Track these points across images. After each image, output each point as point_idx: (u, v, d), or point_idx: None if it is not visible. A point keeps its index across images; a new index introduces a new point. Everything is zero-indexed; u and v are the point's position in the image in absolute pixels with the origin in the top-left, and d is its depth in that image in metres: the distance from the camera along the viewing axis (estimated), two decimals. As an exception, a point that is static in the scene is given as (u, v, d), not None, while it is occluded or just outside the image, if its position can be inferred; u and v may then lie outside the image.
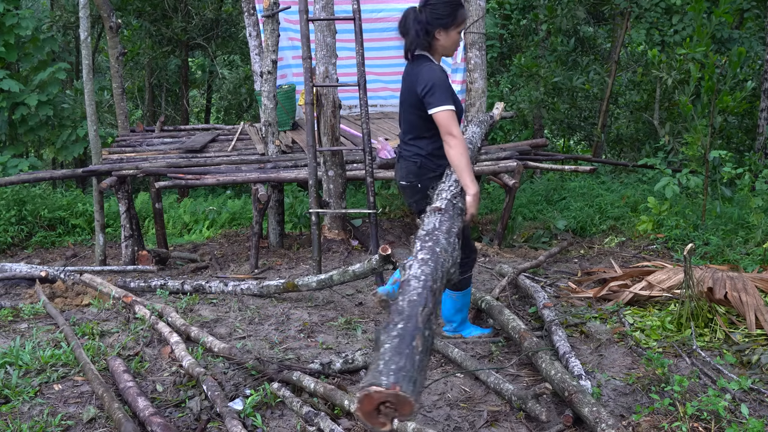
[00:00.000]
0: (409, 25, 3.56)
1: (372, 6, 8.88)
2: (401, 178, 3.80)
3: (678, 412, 3.16)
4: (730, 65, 6.77)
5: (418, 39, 3.57)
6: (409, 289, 2.37)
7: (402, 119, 3.78)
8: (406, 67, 3.71)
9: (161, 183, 6.55)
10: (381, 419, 1.91)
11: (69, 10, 13.62)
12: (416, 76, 3.58)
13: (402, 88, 3.73)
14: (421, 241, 2.81)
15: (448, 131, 3.50)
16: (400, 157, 3.81)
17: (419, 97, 3.57)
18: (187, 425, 3.17)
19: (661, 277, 4.70)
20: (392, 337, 2.12)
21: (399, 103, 3.81)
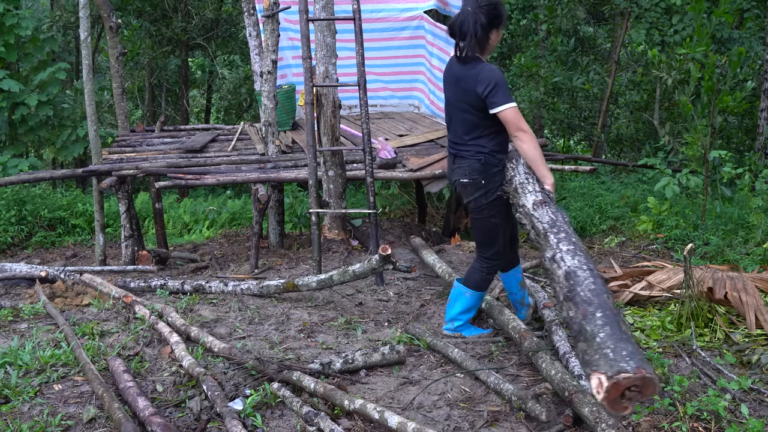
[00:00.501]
0: (468, 27, 3.60)
1: (372, 6, 8.88)
2: (462, 177, 3.82)
3: (678, 412, 3.16)
4: (730, 65, 6.77)
5: (478, 40, 3.64)
6: (580, 279, 2.52)
7: (456, 120, 3.81)
8: (455, 69, 3.76)
9: (161, 183, 6.55)
10: (624, 404, 1.99)
11: (69, 10, 13.62)
12: (475, 76, 3.64)
13: (453, 90, 3.78)
14: (553, 234, 2.98)
15: (518, 127, 3.62)
16: (457, 157, 3.85)
17: (481, 97, 3.63)
18: (187, 425, 3.17)
19: (661, 277, 4.70)
20: (600, 326, 2.30)
21: (448, 106, 3.85)
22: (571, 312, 2.60)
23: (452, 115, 3.85)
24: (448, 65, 3.85)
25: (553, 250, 2.99)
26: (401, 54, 9.25)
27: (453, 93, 3.78)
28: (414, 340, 4.18)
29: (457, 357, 3.85)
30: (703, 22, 7.17)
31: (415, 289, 5.27)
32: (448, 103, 3.85)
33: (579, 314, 2.43)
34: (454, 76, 3.76)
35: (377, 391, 3.55)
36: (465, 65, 3.69)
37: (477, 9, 3.61)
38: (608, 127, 12.16)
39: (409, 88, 9.47)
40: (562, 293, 2.77)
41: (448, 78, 3.83)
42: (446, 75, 3.85)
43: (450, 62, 3.85)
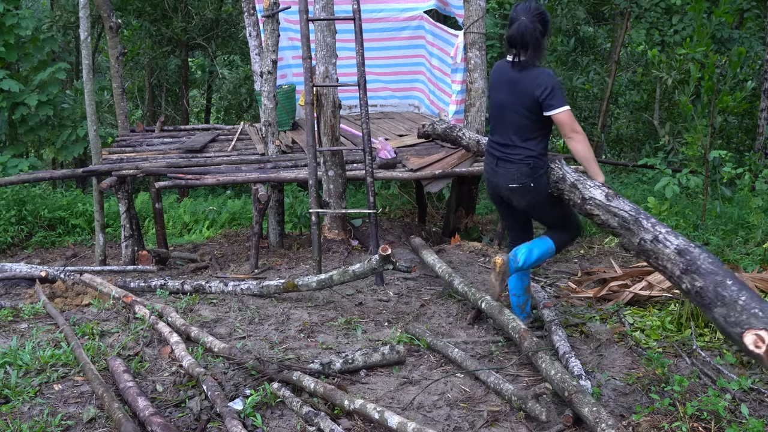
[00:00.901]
0: (529, 37, 3.75)
1: (372, 6, 8.88)
2: (511, 181, 3.91)
3: (678, 412, 3.16)
4: (730, 65, 6.77)
5: (539, 49, 3.82)
6: (695, 254, 3.07)
7: (507, 123, 3.90)
8: (509, 74, 3.87)
9: (161, 183, 6.55)
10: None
11: (69, 10, 13.62)
12: (533, 80, 3.78)
13: (506, 93, 3.88)
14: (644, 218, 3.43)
15: (572, 129, 3.79)
16: (502, 160, 3.93)
17: (537, 100, 3.78)
18: (187, 425, 3.17)
19: (661, 277, 4.70)
20: (736, 291, 2.79)
21: (498, 108, 3.94)
22: (698, 282, 2.99)
23: (502, 117, 3.93)
24: (497, 70, 3.97)
25: (651, 232, 3.36)
26: (401, 54, 9.25)
27: (506, 96, 3.88)
28: (414, 340, 4.18)
29: (457, 357, 3.85)
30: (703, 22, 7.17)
31: (415, 289, 5.27)
32: (499, 106, 3.94)
33: (709, 283, 2.90)
34: (508, 80, 3.87)
35: (377, 391, 3.55)
36: (521, 70, 3.83)
37: (532, 19, 3.76)
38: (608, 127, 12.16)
39: (409, 88, 9.46)
40: (677, 268, 3.13)
41: (499, 82, 3.93)
42: (496, 79, 3.96)
43: (499, 67, 3.97)
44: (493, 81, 3.99)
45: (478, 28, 7.20)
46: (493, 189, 4.07)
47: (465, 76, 7.47)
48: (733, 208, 6.98)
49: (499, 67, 3.97)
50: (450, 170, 6.82)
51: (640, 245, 3.41)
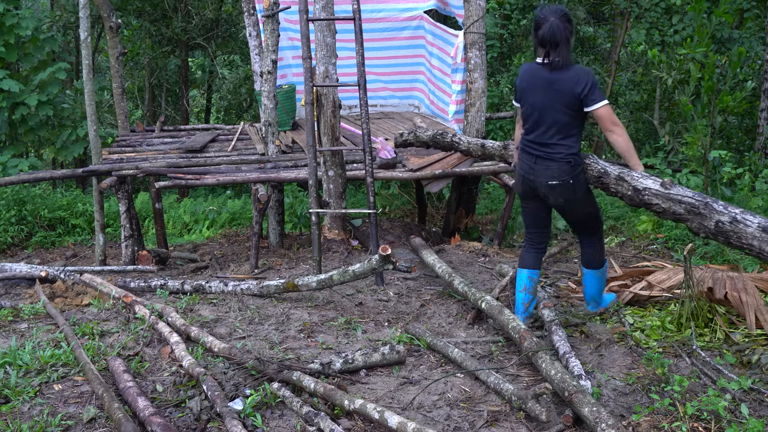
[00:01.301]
0: (560, 36, 3.84)
1: (372, 6, 8.88)
2: (551, 179, 3.98)
3: (678, 412, 3.16)
4: (730, 65, 6.77)
5: (570, 47, 3.92)
6: None
7: (546, 122, 3.97)
8: (545, 75, 3.93)
9: (161, 183, 6.55)
10: None
11: (69, 10, 13.61)
12: (572, 78, 3.87)
13: (544, 93, 3.94)
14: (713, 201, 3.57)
15: (612, 122, 3.91)
16: (541, 158, 4.00)
17: (578, 97, 3.87)
18: (187, 425, 3.17)
19: (661, 277, 4.70)
20: None
21: (535, 109, 3.99)
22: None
23: (541, 117, 3.99)
24: (528, 73, 4.04)
25: (726, 214, 3.49)
26: (401, 54, 9.24)
27: (544, 97, 3.94)
28: (414, 340, 4.18)
29: (457, 357, 3.85)
30: (703, 22, 7.17)
31: (415, 289, 5.27)
32: (536, 107, 3.99)
33: None
34: (545, 81, 3.93)
35: (377, 391, 3.55)
36: (557, 70, 3.90)
37: (561, 19, 3.86)
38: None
39: (409, 88, 9.46)
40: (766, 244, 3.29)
41: (533, 84, 3.99)
42: (529, 82, 4.02)
43: (529, 70, 4.04)
44: (525, 84, 4.05)
45: (478, 28, 7.20)
46: (527, 187, 4.13)
47: (465, 76, 7.47)
48: (733, 208, 6.96)
49: (529, 70, 4.04)
50: (450, 170, 6.82)
51: (717, 227, 3.51)
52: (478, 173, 7.02)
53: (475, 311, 4.57)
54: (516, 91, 4.15)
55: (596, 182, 4.05)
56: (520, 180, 4.16)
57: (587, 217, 4.20)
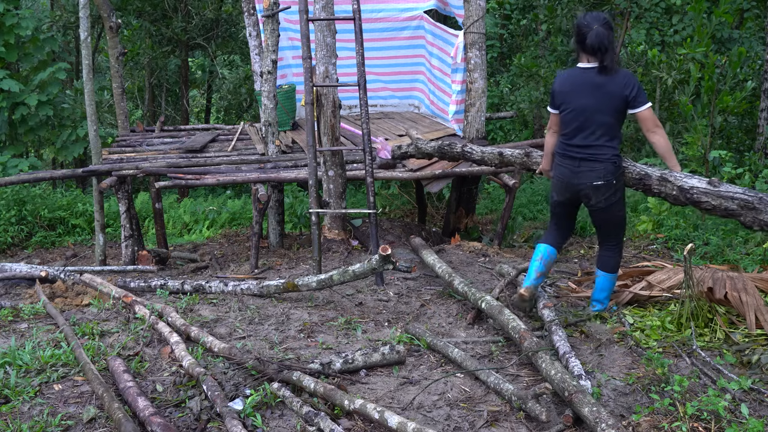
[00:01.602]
0: (606, 42, 4.00)
1: (372, 6, 8.88)
2: (597, 179, 4.11)
3: (678, 412, 3.16)
4: (730, 65, 6.77)
5: (614, 52, 4.09)
6: None
7: (591, 126, 4.09)
8: (593, 79, 4.07)
9: (161, 183, 6.55)
10: None
11: (69, 10, 13.62)
12: (621, 81, 4.04)
13: (592, 97, 4.07)
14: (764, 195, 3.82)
15: (655, 123, 4.11)
16: (585, 160, 4.12)
17: (626, 99, 4.05)
18: (187, 425, 3.17)
19: (661, 277, 4.70)
20: None
21: (581, 113, 4.10)
22: None
23: (587, 120, 4.10)
24: (573, 78, 4.16)
25: None
26: (401, 54, 9.24)
27: (592, 100, 4.07)
28: (414, 340, 4.18)
29: (457, 357, 3.85)
30: (703, 22, 7.17)
31: (415, 289, 5.27)
32: (582, 111, 4.10)
33: None
34: (592, 85, 4.07)
35: (377, 391, 3.55)
36: (604, 74, 4.05)
37: (604, 26, 4.02)
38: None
39: (409, 88, 9.46)
40: None
41: (579, 89, 4.11)
42: (574, 86, 4.13)
43: (573, 75, 4.16)
44: (569, 88, 4.15)
45: (478, 28, 7.21)
46: (567, 189, 4.24)
47: (465, 76, 7.47)
48: (733, 208, 6.97)
49: (573, 75, 4.17)
50: (450, 170, 6.82)
51: None
52: (478, 173, 7.02)
53: (475, 311, 4.57)
54: (554, 97, 4.24)
55: (637, 184, 4.23)
56: (560, 184, 4.27)
57: (618, 220, 4.32)
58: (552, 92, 4.28)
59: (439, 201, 10.49)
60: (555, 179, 4.32)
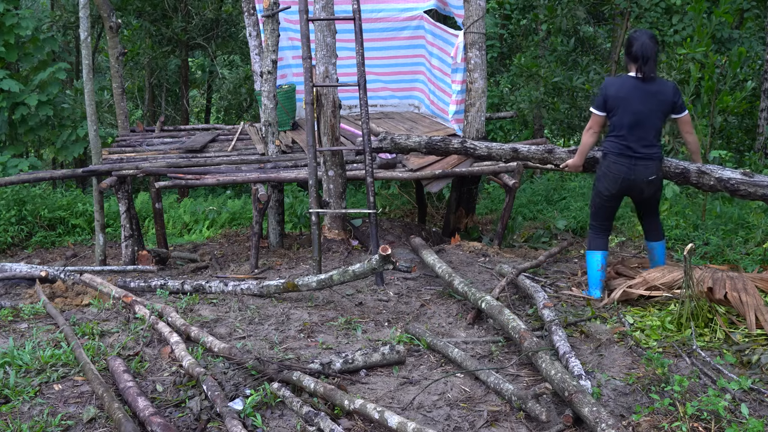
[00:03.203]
0: (652, 53, 4.49)
1: (372, 6, 8.88)
2: (651, 174, 4.64)
3: (678, 412, 3.16)
4: (730, 65, 6.77)
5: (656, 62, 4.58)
6: None
7: (645, 128, 4.56)
8: (645, 86, 4.53)
9: (161, 183, 6.55)
10: None
11: (69, 10, 13.61)
12: (669, 89, 4.60)
13: (647, 103, 4.52)
14: None
15: (692, 125, 4.73)
16: (643, 158, 4.59)
17: (674, 105, 4.59)
18: (187, 425, 3.17)
19: (658, 275, 4.70)
20: None
21: (637, 117, 4.53)
22: None
23: (642, 123, 4.55)
24: (626, 85, 4.56)
25: None
26: (401, 54, 9.24)
27: (646, 106, 4.53)
28: (414, 340, 4.18)
29: (457, 357, 3.85)
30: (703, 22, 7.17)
31: (415, 289, 5.27)
32: (639, 115, 4.53)
33: None
34: (646, 92, 4.53)
35: (377, 391, 3.55)
36: (653, 82, 4.55)
37: (651, 38, 4.53)
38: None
39: (409, 88, 9.46)
40: None
41: (634, 94, 4.53)
42: (629, 93, 4.54)
43: (626, 82, 4.56)
44: (623, 94, 4.55)
45: (478, 28, 7.20)
46: (624, 186, 4.67)
47: (465, 76, 7.46)
48: (733, 208, 6.98)
49: (626, 83, 4.57)
50: (450, 170, 6.82)
51: None
52: (478, 173, 7.02)
53: (475, 311, 4.57)
54: (606, 101, 4.60)
55: (678, 177, 4.78)
56: (617, 180, 4.66)
57: (658, 200, 4.95)
58: (605, 97, 4.61)
59: (439, 201, 10.48)
60: (609, 176, 4.68)
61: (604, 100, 4.60)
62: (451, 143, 5.75)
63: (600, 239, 4.88)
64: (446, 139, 5.79)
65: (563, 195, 9.39)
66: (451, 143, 5.75)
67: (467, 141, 5.72)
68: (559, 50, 11.37)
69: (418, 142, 5.81)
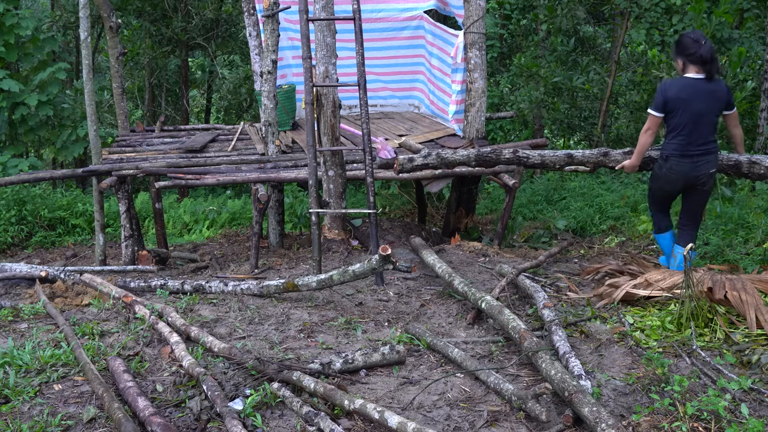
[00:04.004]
0: (715, 55, 4.70)
1: (372, 6, 8.88)
2: (711, 168, 4.85)
3: (678, 412, 3.16)
4: (730, 65, 6.77)
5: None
6: None
7: (706, 125, 4.75)
8: (705, 86, 4.70)
9: (161, 183, 6.55)
10: None
11: (69, 10, 13.61)
12: (724, 88, 4.80)
13: (706, 102, 4.70)
14: None
15: (738, 119, 4.97)
16: (704, 154, 4.79)
17: (727, 102, 4.80)
18: (187, 425, 3.17)
19: (658, 276, 4.70)
20: None
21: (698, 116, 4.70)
22: None
23: (702, 121, 4.73)
24: (689, 86, 4.70)
25: None
26: (401, 54, 9.24)
27: (706, 105, 4.70)
28: (414, 340, 4.18)
29: (457, 357, 3.85)
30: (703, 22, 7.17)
31: (415, 289, 5.27)
32: (699, 114, 4.70)
33: None
34: (706, 92, 4.71)
35: (377, 391, 3.55)
36: (712, 82, 4.73)
37: (709, 41, 4.69)
38: (608, 127, 12.15)
39: (409, 88, 9.46)
40: None
41: (696, 95, 4.69)
42: (691, 93, 4.69)
43: (689, 83, 4.70)
44: (686, 95, 4.69)
45: (478, 28, 7.21)
46: (687, 180, 4.85)
47: (465, 76, 7.46)
48: (733, 208, 6.98)
49: (689, 84, 4.71)
50: (450, 170, 6.82)
51: None
52: (478, 173, 7.01)
53: (475, 311, 4.57)
54: (666, 103, 4.71)
55: (730, 169, 5.06)
56: (680, 179, 4.85)
57: (710, 193, 5.06)
58: (665, 99, 4.73)
59: (439, 201, 10.48)
60: (672, 176, 4.86)
61: (665, 102, 4.71)
62: (503, 154, 5.29)
63: (665, 220, 5.18)
64: (496, 149, 5.33)
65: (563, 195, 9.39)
66: (503, 154, 5.29)
67: (519, 150, 5.33)
68: (559, 50, 11.37)
69: (466, 156, 5.35)
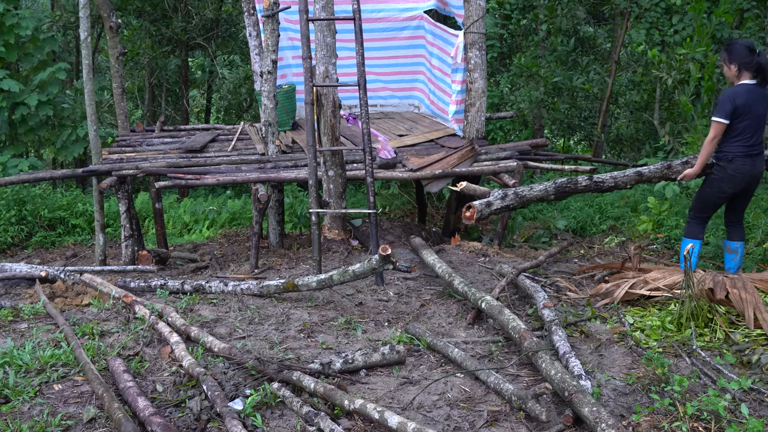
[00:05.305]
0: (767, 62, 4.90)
1: (372, 6, 8.88)
2: (764, 166, 5.05)
3: (678, 412, 3.16)
4: (730, 65, 6.74)
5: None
6: None
7: (762, 128, 4.96)
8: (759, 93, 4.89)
9: (161, 183, 6.55)
10: None
11: (69, 10, 13.61)
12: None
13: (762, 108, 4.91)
14: None
15: None
16: (760, 156, 4.98)
17: None
18: (187, 425, 3.17)
19: (658, 276, 4.70)
20: None
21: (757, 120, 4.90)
22: None
23: (760, 125, 4.92)
24: (749, 92, 4.86)
25: None
26: (401, 54, 9.24)
27: (762, 110, 4.92)
28: (414, 340, 4.18)
29: (457, 357, 3.85)
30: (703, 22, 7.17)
31: (415, 289, 5.27)
32: (758, 118, 4.91)
33: None
34: (762, 96, 4.91)
35: (377, 391, 3.55)
36: (763, 87, 4.92)
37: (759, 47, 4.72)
38: (608, 127, 12.15)
39: (409, 88, 9.46)
40: None
41: (755, 100, 4.88)
42: (753, 99, 4.86)
43: (749, 89, 4.85)
44: (749, 101, 4.86)
45: (478, 28, 7.21)
46: (746, 181, 4.99)
47: (465, 76, 7.46)
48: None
49: (749, 90, 4.87)
50: (450, 170, 6.82)
51: None
52: (478, 173, 7.01)
53: (475, 311, 4.57)
54: (734, 109, 4.83)
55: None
56: (743, 180, 4.96)
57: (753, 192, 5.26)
58: (733, 107, 4.84)
59: (439, 201, 10.48)
60: (737, 177, 4.94)
61: (734, 109, 4.83)
62: (579, 183, 5.06)
63: (699, 228, 5.18)
64: (573, 179, 5.08)
65: (563, 195, 9.37)
66: (579, 183, 5.06)
67: (594, 176, 5.13)
68: (559, 50, 11.37)
69: (544, 190, 5.02)
